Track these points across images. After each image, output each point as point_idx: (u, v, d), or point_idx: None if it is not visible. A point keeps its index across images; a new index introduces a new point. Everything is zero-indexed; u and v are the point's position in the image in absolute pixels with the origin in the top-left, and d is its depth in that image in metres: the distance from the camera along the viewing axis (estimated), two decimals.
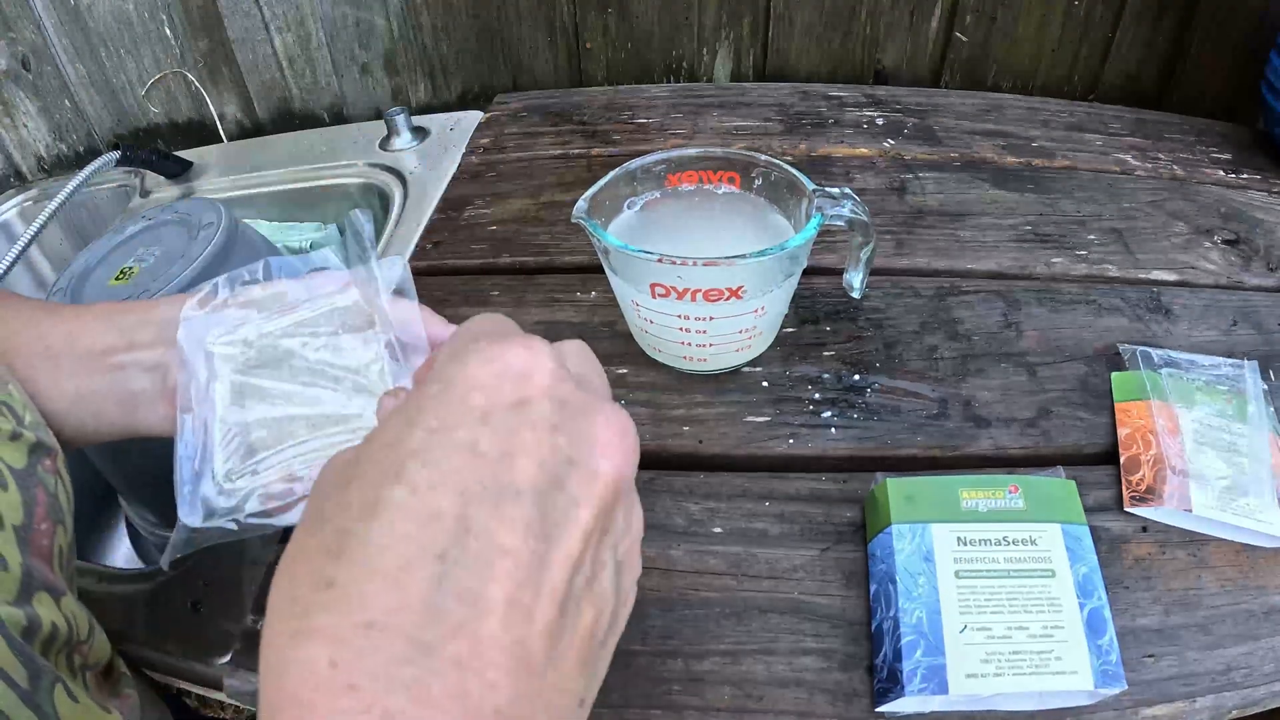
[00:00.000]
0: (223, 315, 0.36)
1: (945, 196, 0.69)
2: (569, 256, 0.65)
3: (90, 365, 0.37)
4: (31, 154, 0.96)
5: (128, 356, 0.37)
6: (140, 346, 0.37)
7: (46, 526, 0.32)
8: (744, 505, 0.47)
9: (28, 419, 0.33)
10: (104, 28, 0.88)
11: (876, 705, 0.38)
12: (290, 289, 0.37)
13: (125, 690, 0.37)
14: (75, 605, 0.33)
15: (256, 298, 0.37)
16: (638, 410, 0.52)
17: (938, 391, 0.52)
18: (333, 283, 0.38)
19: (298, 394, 0.34)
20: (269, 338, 0.36)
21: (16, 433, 0.32)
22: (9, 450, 0.32)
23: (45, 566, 0.31)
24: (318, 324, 0.36)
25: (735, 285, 0.44)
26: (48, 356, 0.36)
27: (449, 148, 0.82)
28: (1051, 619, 0.38)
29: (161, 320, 0.37)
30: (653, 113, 0.82)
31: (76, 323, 0.37)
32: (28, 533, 0.31)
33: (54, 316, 0.38)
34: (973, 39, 0.85)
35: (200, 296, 0.37)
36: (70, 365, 0.36)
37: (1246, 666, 0.39)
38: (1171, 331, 0.56)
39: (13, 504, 0.31)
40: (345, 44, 0.90)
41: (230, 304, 0.36)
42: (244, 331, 0.36)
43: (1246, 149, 0.75)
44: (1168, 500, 0.43)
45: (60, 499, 0.34)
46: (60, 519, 0.33)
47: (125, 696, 0.37)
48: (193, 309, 0.36)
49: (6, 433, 0.32)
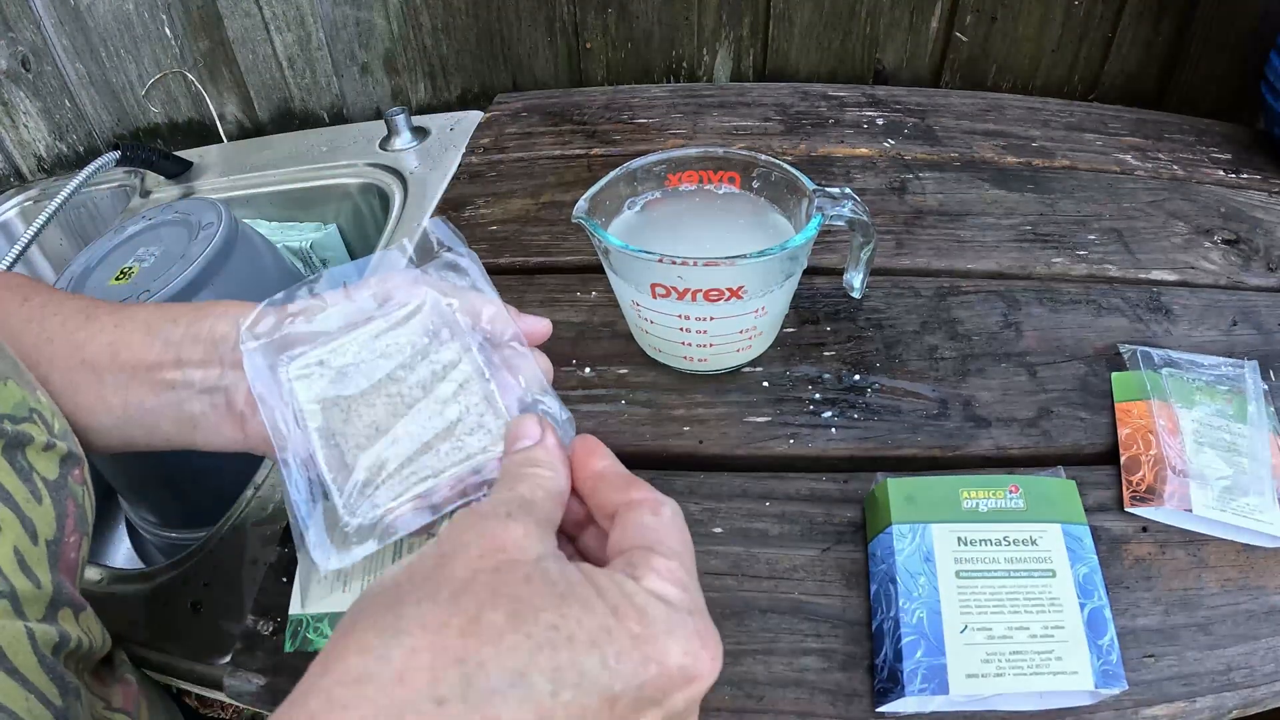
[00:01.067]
0: (287, 337, 0.33)
1: (945, 196, 0.69)
2: (569, 256, 0.65)
3: (138, 380, 0.35)
4: (31, 154, 0.96)
5: (178, 374, 0.35)
6: (190, 364, 0.35)
7: (75, 539, 0.32)
8: (744, 505, 0.47)
9: (57, 427, 0.33)
10: (104, 28, 0.88)
11: (877, 705, 0.38)
12: (353, 298, 0.34)
13: (125, 675, 0.37)
14: (91, 618, 0.33)
15: (318, 313, 0.34)
16: (638, 410, 0.52)
17: (938, 391, 0.52)
18: (402, 283, 0.35)
19: (390, 408, 0.32)
20: (344, 355, 0.33)
21: (50, 443, 0.31)
22: (42, 461, 0.31)
23: (70, 582, 0.31)
24: (395, 332, 0.33)
25: (735, 285, 0.44)
26: (89, 369, 0.35)
27: (449, 148, 0.82)
28: (1052, 619, 0.38)
29: (208, 335, 0.35)
30: (653, 113, 0.82)
31: (117, 333, 0.36)
32: (58, 547, 0.31)
33: (92, 324, 0.36)
34: (973, 39, 0.85)
35: (250, 322, 0.34)
36: (114, 379, 0.35)
37: (1246, 666, 0.39)
38: (1171, 331, 0.56)
39: (47, 518, 0.30)
40: (345, 44, 0.90)
41: (289, 324, 0.33)
42: (316, 354, 0.33)
43: (1246, 149, 0.75)
44: (1168, 500, 0.44)
45: (86, 509, 0.33)
46: (86, 530, 0.33)
47: (126, 682, 0.37)
48: (249, 339, 0.33)
49: (41, 443, 0.31)
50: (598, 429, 0.51)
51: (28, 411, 0.31)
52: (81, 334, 0.36)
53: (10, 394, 0.31)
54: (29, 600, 0.28)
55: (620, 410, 0.52)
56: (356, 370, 0.32)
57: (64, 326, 0.36)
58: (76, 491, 0.33)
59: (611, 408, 0.52)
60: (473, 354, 0.33)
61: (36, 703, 0.26)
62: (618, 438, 0.51)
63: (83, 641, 0.31)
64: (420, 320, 0.34)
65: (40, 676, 0.27)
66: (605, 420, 0.52)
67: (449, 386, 0.32)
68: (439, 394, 0.32)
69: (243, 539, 0.49)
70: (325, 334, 0.34)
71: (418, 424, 0.31)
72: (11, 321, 0.37)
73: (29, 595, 0.28)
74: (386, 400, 0.32)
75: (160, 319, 0.36)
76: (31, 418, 0.31)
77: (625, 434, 0.51)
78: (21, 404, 0.31)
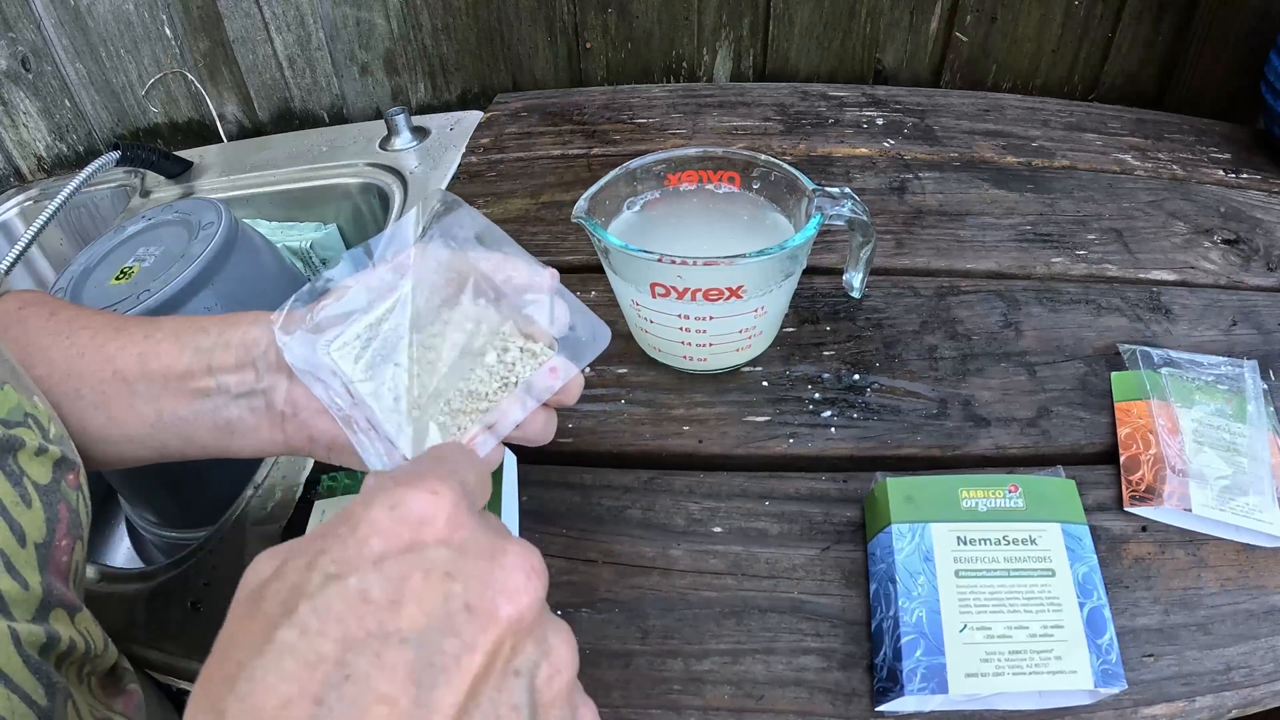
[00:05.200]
0: (320, 324, 0.35)
1: (945, 196, 0.69)
2: (569, 256, 0.65)
3: (170, 390, 0.35)
4: (31, 154, 0.96)
5: (211, 382, 0.35)
6: (222, 370, 0.35)
7: (66, 543, 0.32)
8: (744, 505, 0.47)
9: (53, 432, 0.33)
10: (104, 28, 0.88)
11: (876, 705, 0.38)
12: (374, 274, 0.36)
13: (129, 686, 0.37)
14: (89, 620, 0.33)
15: (344, 294, 0.35)
16: (637, 410, 0.52)
17: (937, 391, 0.52)
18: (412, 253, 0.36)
19: (429, 361, 0.34)
20: (377, 325, 0.35)
21: (43, 447, 0.32)
22: (35, 466, 0.31)
23: (62, 584, 0.31)
24: (417, 297, 0.35)
25: (735, 285, 0.44)
26: (119, 380, 0.35)
27: (449, 148, 0.82)
28: (1051, 618, 0.38)
29: (240, 342, 0.35)
30: (652, 113, 0.82)
31: (146, 343, 0.36)
32: (48, 550, 0.31)
33: (121, 335, 0.36)
34: (973, 39, 0.85)
35: (281, 322, 0.35)
36: (146, 389, 0.35)
37: (1246, 666, 0.39)
38: (1171, 331, 0.56)
39: (36, 521, 0.30)
40: (345, 44, 0.90)
41: (320, 311, 0.35)
42: (353, 329, 0.34)
43: (1246, 149, 0.75)
44: (1167, 500, 0.44)
45: (80, 514, 0.33)
46: (79, 535, 0.33)
47: (130, 693, 0.37)
48: (282, 335, 0.34)
49: (33, 448, 0.31)
50: (598, 428, 0.51)
51: (22, 416, 0.31)
52: (111, 346, 0.36)
53: (6, 399, 0.31)
54: (15, 601, 0.28)
55: (620, 410, 0.52)
56: (393, 333, 0.34)
57: (94, 340, 0.36)
58: (70, 496, 0.33)
59: (611, 407, 0.52)
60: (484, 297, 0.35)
61: (19, 702, 0.26)
62: (617, 437, 0.51)
63: (77, 643, 0.31)
64: (432, 279, 0.35)
65: (25, 676, 0.27)
66: (605, 420, 0.52)
67: (470, 325, 0.34)
68: (467, 334, 0.34)
69: (243, 539, 0.49)
70: (355, 311, 0.35)
71: (456, 365, 0.33)
72: (40, 336, 0.37)
73: (15, 597, 0.28)
74: (424, 353, 0.34)
75: (189, 329, 0.36)
76: (26, 422, 0.31)
77: (625, 434, 0.51)
78: (16, 409, 0.31)
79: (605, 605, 0.43)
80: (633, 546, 0.45)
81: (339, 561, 0.21)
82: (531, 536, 0.41)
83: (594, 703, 0.25)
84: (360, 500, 0.23)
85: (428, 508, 0.22)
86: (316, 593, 0.21)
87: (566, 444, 0.51)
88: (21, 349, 0.36)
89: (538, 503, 0.48)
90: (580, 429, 0.51)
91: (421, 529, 0.22)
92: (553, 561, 0.45)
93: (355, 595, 0.21)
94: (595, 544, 0.45)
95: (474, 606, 0.21)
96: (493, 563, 0.22)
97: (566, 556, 0.45)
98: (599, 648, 0.41)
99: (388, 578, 0.21)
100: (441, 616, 0.21)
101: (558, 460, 0.50)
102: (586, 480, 0.49)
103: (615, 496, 0.48)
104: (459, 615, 0.21)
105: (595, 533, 0.46)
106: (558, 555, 0.45)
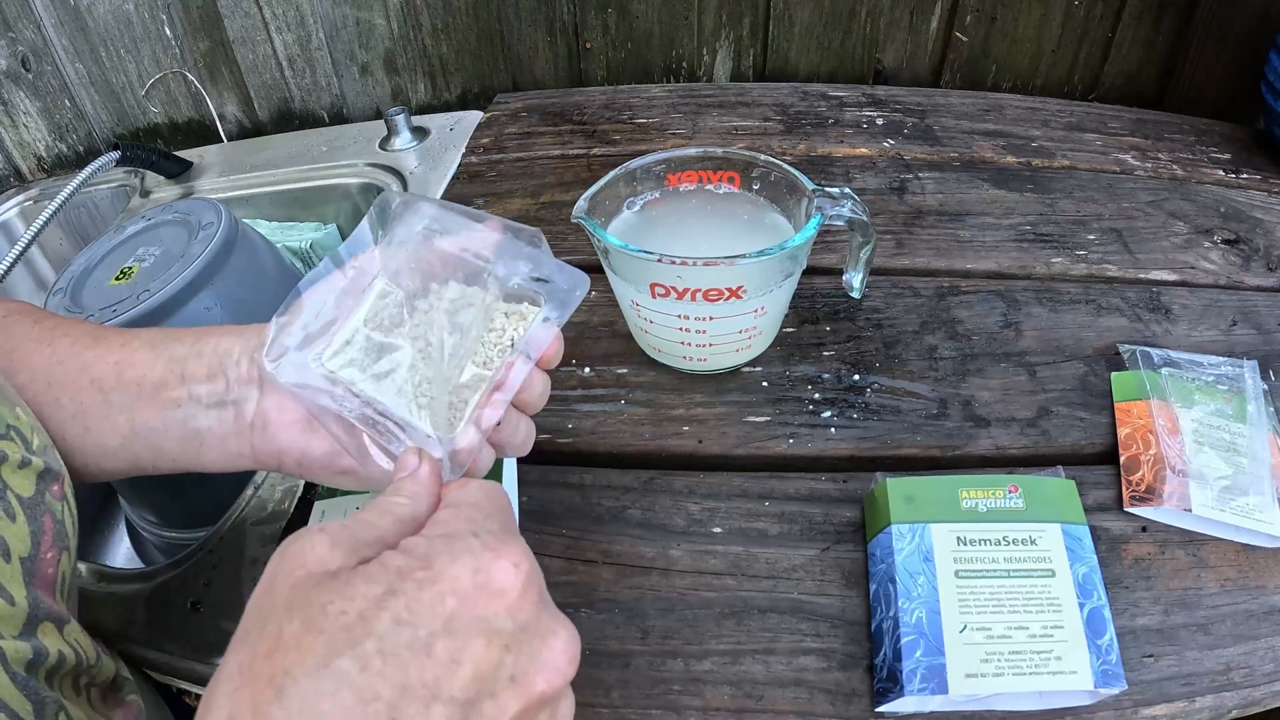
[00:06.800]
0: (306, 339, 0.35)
1: (945, 196, 0.69)
2: (569, 256, 0.65)
3: (143, 400, 0.35)
4: (31, 154, 0.96)
5: (183, 391, 0.35)
6: (194, 380, 0.35)
7: (52, 555, 0.32)
8: (744, 505, 0.47)
9: (35, 443, 0.33)
10: (104, 28, 0.88)
11: (876, 705, 0.38)
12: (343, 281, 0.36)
13: (129, 697, 0.37)
14: (79, 631, 0.33)
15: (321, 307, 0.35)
16: (637, 410, 0.52)
17: (937, 391, 0.52)
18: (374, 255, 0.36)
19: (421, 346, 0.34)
20: (362, 326, 0.35)
21: (26, 460, 0.32)
22: (17, 479, 0.31)
23: (49, 597, 0.31)
24: (394, 291, 0.35)
25: (735, 285, 0.44)
26: (96, 389, 0.35)
27: (449, 148, 0.82)
28: (1051, 619, 0.38)
29: (213, 352, 0.35)
30: (652, 113, 0.82)
31: (123, 352, 0.36)
32: (34, 563, 0.31)
33: (100, 345, 0.36)
34: (973, 39, 0.85)
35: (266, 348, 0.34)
36: (120, 399, 0.35)
37: (1246, 666, 0.39)
38: (1171, 331, 0.56)
39: (20, 535, 0.30)
40: (345, 44, 0.90)
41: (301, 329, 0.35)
42: (340, 337, 0.35)
43: (1246, 149, 0.75)
44: (1167, 500, 0.44)
45: (66, 524, 0.33)
46: (65, 545, 0.33)
47: (129, 704, 0.37)
48: (269, 364, 0.34)
49: (15, 461, 0.31)
50: (597, 428, 0.51)
51: (4, 428, 0.31)
52: (89, 355, 0.36)
53: None
54: (1, 618, 0.28)
55: (620, 410, 0.52)
56: (380, 330, 0.35)
57: (73, 348, 0.36)
58: (55, 507, 0.33)
59: (611, 407, 0.52)
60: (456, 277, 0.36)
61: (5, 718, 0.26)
62: (617, 438, 0.51)
63: (66, 655, 0.31)
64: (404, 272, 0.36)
65: (12, 693, 0.27)
66: (605, 420, 0.52)
67: (452, 305, 0.35)
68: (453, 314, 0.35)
69: (243, 539, 0.49)
70: (334, 320, 0.35)
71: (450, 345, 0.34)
72: (23, 344, 0.37)
73: (1, 613, 0.28)
74: (413, 341, 0.34)
75: (165, 339, 0.37)
76: (9, 435, 0.31)
77: (625, 434, 0.51)
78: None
79: (605, 605, 0.43)
80: (632, 547, 0.45)
81: (413, 610, 0.23)
82: (531, 536, 0.41)
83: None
84: (442, 544, 0.24)
85: (508, 580, 0.24)
86: (386, 634, 0.22)
87: (566, 444, 0.51)
88: (5, 356, 0.36)
89: (538, 503, 0.48)
90: (580, 429, 0.51)
91: (495, 599, 0.24)
92: (552, 561, 0.45)
93: (421, 648, 0.22)
94: (595, 544, 0.45)
95: (518, 678, 0.23)
96: (544, 644, 0.24)
97: (566, 557, 0.45)
98: (599, 648, 0.41)
99: (454, 637, 0.23)
100: (489, 681, 0.23)
101: (558, 460, 0.50)
102: (586, 480, 0.49)
103: (615, 497, 0.48)
104: (503, 682, 0.23)
105: (595, 533, 0.46)
106: (557, 555, 0.45)
